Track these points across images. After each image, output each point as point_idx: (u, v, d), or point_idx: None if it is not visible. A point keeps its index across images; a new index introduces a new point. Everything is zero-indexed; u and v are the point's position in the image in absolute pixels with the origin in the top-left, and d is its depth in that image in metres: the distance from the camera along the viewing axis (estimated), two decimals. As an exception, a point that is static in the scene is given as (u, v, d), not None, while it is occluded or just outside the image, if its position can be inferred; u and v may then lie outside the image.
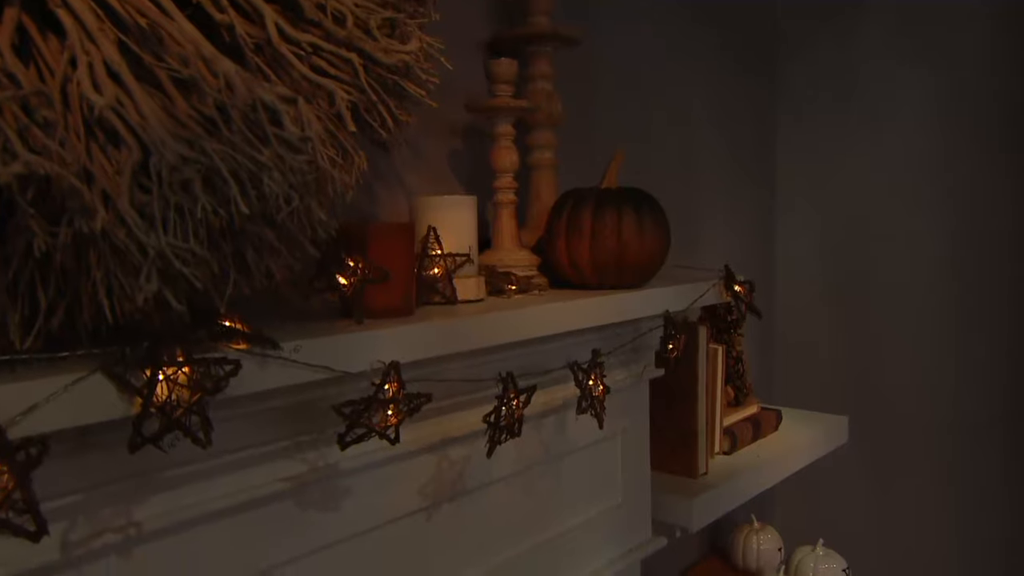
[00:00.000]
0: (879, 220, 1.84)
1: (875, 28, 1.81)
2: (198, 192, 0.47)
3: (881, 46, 1.80)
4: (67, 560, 0.54)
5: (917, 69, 1.77)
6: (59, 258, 0.45)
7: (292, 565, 0.70)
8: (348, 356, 0.61)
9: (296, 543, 0.69)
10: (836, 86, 1.87)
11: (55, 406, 0.45)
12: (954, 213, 1.76)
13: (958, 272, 1.76)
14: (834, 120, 1.87)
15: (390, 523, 0.78)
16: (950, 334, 1.78)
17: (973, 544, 1.79)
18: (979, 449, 1.77)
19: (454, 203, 0.81)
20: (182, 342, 0.50)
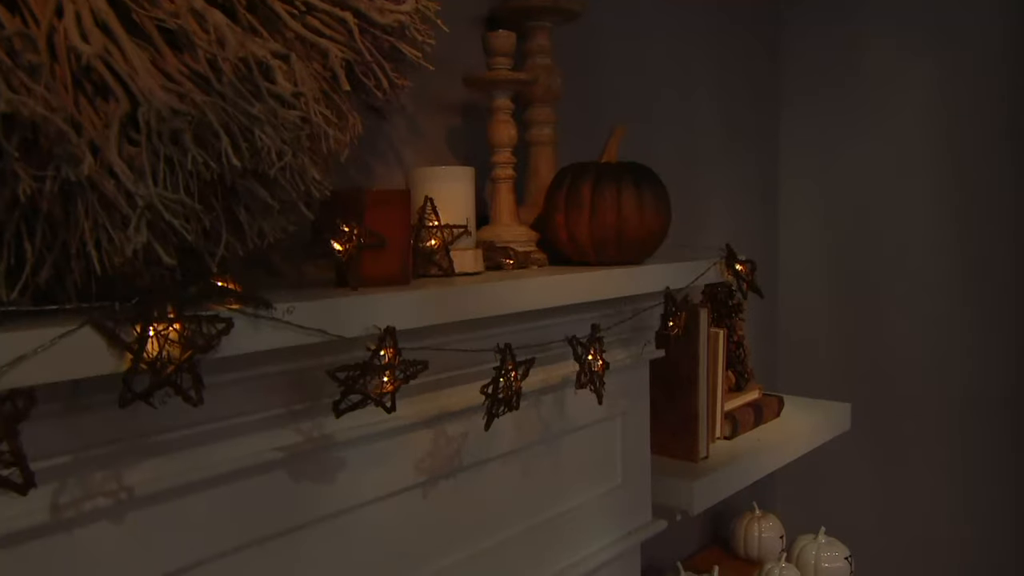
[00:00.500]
0: (883, 204, 1.83)
1: (879, 11, 1.79)
2: (188, 144, 0.47)
3: (885, 29, 1.79)
4: (57, 522, 0.53)
5: (921, 52, 1.75)
6: (46, 207, 0.44)
7: (285, 537, 0.69)
8: (343, 320, 0.61)
9: (289, 515, 0.68)
10: (839, 69, 1.85)
11: (43, 359, 0.44)
12: (959, 196, 1.75)
13: (963, 256, 1.75)
14: (837, 103, 1.86)
15: (386, 498, 0.77)
16: (954, 319, 1.77)
17: (977, 532, 1.78)
18: (983, 436, 1.75)
19: (451, 174, 0.80)
20: (173, 299, 0.49)
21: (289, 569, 0.69)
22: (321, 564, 0.72)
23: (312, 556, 0.71)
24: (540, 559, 0.96)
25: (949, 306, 1.78)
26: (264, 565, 0.67)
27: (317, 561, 0.71)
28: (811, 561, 1.55)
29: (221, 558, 0.64)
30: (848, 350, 1.90)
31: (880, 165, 1.83)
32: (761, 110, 1.85)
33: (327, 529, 0.72)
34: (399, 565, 0.79)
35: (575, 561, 1.01)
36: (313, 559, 0.71)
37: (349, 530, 0.74)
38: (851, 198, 1.87)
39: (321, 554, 0.72)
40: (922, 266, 1.80)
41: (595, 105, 1.31)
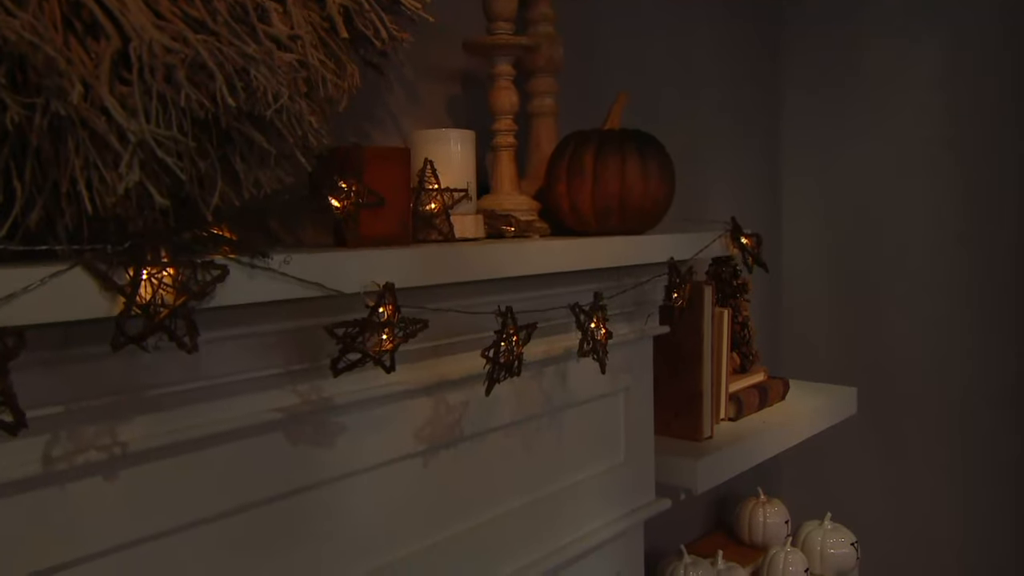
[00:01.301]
0: (884, 202, 1.82)
1: (880, 10, 1.78)
2: (182, 80, 0.46)
3: (886, 28, 1.78)
4: (49, 475, 0.52)
5: (922, 51, 1.74)
6: (35, 141, 0.43)
7: (283, 501, 0.68)
8: (341, 275, 0.59)
9: (287, 478, 0.67)
10: (840, 68, 1.84)
11: (33, 298, 0.43)
12: (960, 195, 1.73)
13: (964, 255, 1.74)
14: (838, 102, 1.85)
15: (385, 465, 0.76)
16: (955, 317, 1.76)
17: (984, 518, 1.76)
18: (990, 422, 1.74)
19: (452, 137, 0.79)
20: (167, 243, 0.48)
21: (285, 534, 0.68)
22: (318, 531, 0.70)
23: (309, 522, 0.70)
24: (542, 534, 0.95)
25: (950, 304, 1.76)
26: (259, 529, 0.66)
27: (313, 527, 0.70)
28: (817, 547, 1.54)
29: (217, 520, 0.63)
30: (849, 348, 1.89)
31: (881, 163, 1.81)
32: (762, 108, 1.84)
33: (325, 495, 0.71)
34: (398, 535, 0.77)
35: (577, 537, 1.00)
36: (310, 525, 0.70)
37: (347, 497, 0.73)
38: (852, 196, 1.86)
39: (318, 520, 0.70)
40: (923, 265, 1.79)
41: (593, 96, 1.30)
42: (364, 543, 0.74)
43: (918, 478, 1.83)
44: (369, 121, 0.91)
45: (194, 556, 0.61)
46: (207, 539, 0.62)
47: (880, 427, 1.85)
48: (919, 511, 1.83)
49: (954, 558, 1.80)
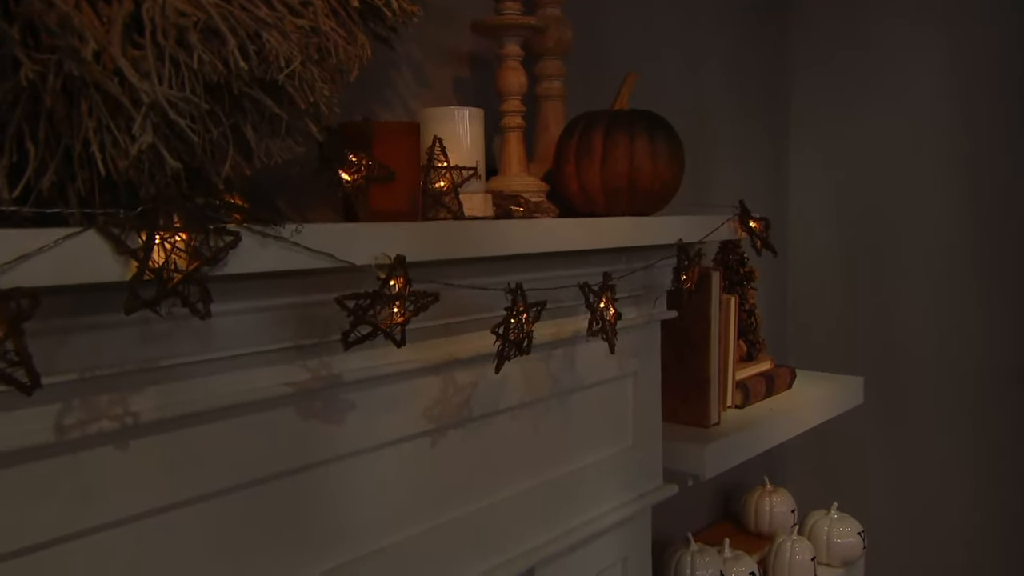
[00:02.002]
0: (894, 174, 1.81)
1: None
2: (194, 42, 0.45)
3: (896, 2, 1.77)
4: (61, 443, 0.52)
5: (932, 22, 1.73)
6: (49, 102, 0.43)
7: (292, 477, 0.67)
8: (352, 247, 0.59)
9: (297, 454, 0.67)
10: (850, 41, 1.83)
11: (46, 260, 0.43)
12: (971, 168, 1.72)
13: (975, 230, 1.73)
14: (848, 75, 1.84)
15: (394, 444, 0.76)
16: (969, 293, 1.75)
17: (990, 507, 1.75)
18: (998, 411, 1.73)
19: (461, 114, 0.78)
20: (179, 208, 0.48)
21: (293, 511, 0.68)
22: (326, 508, 0.70)
23: (317, 499, 0.69)
24: (549, 517, 0.94)
25: (959, 291, 1.75)
26: (267, 505, 0.66)
27: (322, 504, 0.70)
28: (823, 536, 1.54)
29: (225, 494, 0.63)
30: (858, 326, 1.88)
31: (892, 137, 1.81)
32: (771, 81, 1.83)
33: (334, 472, 0.71)
34: (405, 515, 0.77)
35: (585, 521, 0.99)
36: (318, 502, 0.70)
37: (356, 475, 0.73)
38: (860, 183, 1.85)
39: (326, 498, 0.70)
40: (931, 252, 1.78)
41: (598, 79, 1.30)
42: (372, 522, 0.74)
43: (924, 468, 1.83)
44: (378, 102, 0.90)
45: (203, 529, 0.61)
46: (215, 513, 0.62)
47: (886, 417, 1.85)
48: (925, 501, 1.83)
49: (960, 548, 1.79)
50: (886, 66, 1.80)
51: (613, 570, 1.07)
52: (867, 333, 1.88)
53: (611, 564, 1.07)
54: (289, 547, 0.68)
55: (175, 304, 0.48)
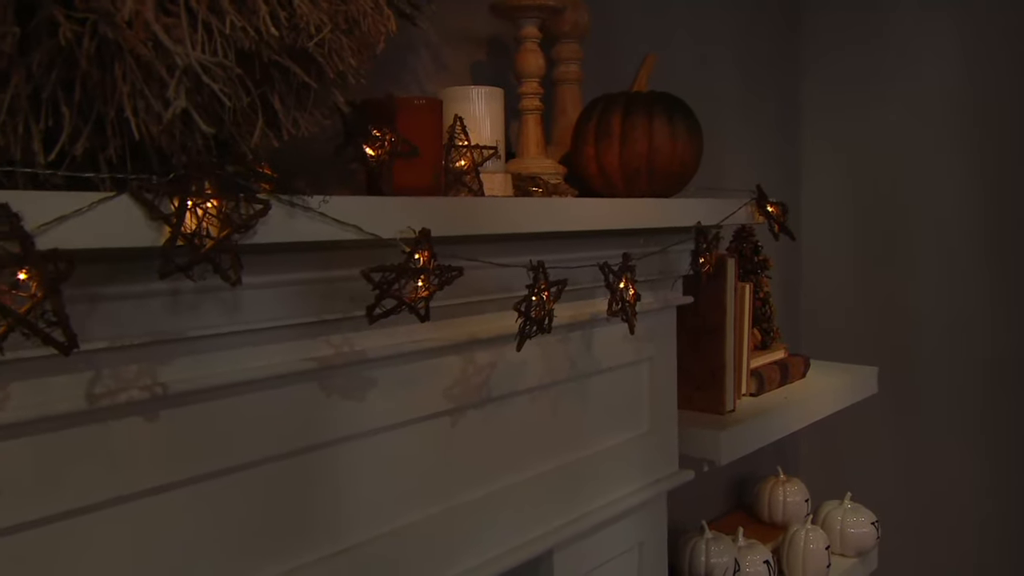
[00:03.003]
0: (906, 161, 1.80)
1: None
2: (226, 8, 0.46)
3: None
4: (92, 412, 0.52)
5: (944, 11, 1.72)
6: (84, 65, 0.43)
7: (314, 453, 0.68)
8: (378, 219, 0.59)
9: (320, 429, 0.67)
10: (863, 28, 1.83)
11: (81, 223, 0.44)
12: (985, 155, 1.71)
13: (989, 217, 1.72)
14: (861, 60, 1.83)
15: (415, 422, 0.76)
16: (983, 283, 1.74)
17: (1005, 498, 1.74)
18: (1012, 401, 1.72)
19: (480, 94, 0.79)
20: (211, 175, 0.48)
21: (314, 487, 0.68)
22: (345, 486, 0.70)
23: (337, 476, 0.70)
24: (567, 500, 0.94)
25: (975, 269, 1.75)
26: (289, 480, 0.66)
27: (341, 482, 0.70)
28: (837, 526, 1.53)
29: (251, 467, 0.63)
30: (870, 315, 1.88)
31: (904, 125, 1.80)
32: (782, 67, 1.83)
33: (354, 449, 0.71)
34: (425, 495, 0.77)
35: (602, 505, 0.99)
36: (338, 480, 0.70)
37: (376, 453, 0.73)
38: (874, 170, 1.84)
39: (348, 474, 0.70)
40: (946, 241, 1.77)
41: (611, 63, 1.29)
42: (391, 501, 0.74)
43: (936, 457, 1.82)
44: (395, 85, 0.91)
45: (227, 503, 0.61)
46: (239, 486, 0.62)
47: (898, 406, 1.84)
48: (938, 491, 1.82)
49: (974, 537, 1.79)
50: (898, 52, 1.79)
51: (629, 555, 1.07)
52: (879, 322, 1.87)
53: (627, 549, 1.06)
54: (309, 523, 0.68)
55: (207, 270, 0.48)
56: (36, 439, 0.50)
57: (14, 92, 0.41)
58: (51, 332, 0.41)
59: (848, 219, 1.89)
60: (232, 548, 0.62)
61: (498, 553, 0.85)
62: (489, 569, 0.83)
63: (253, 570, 0.64)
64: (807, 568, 1.41)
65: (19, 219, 0.40)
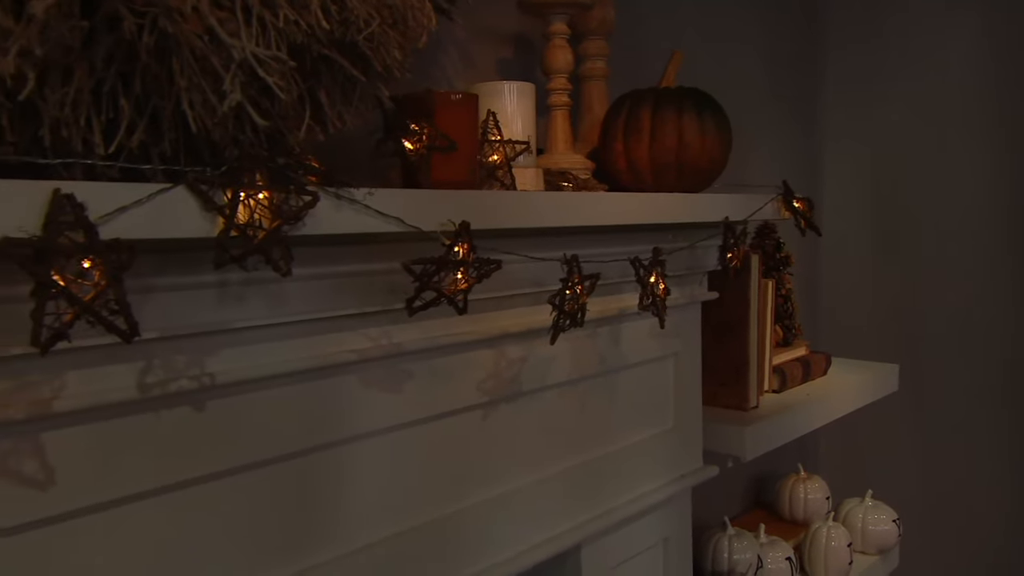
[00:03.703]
0: (928, 156, 1.79)
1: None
2: (280, 2, 0.46)
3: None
4: (144, 400, 0.53)
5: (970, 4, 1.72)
6: (144, 59, 0.44)
7: (352, 444, 0.68)
8: (418, 212, 0.60)
9: (358, 420, 0.68)
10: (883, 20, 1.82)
11: (140, 214, 0.44)
12: (1010, 152, 1.70)
13: (1011, 215, 1.71)
14: (881, 54, 1.83)
15: (449, 415, 0.77)
16: (1004, 280, 1.73)
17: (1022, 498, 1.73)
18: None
19: (511, 89, 0.79)
20: (262, 168, 0.49)
21: (352, 477, 0.69)
22: (383, 476, 0.71)
23: (375, 467, 0.70)
24: (594, 495, 0.95)
25: (996, 266, 1.74)
26: (330, 471, 0.67)
27: (380, 473, 0.71)
28: (858, 524, 1.53)
29: (292, 458, 0.64)
30: (890, 311, 1.87)
31: (925, 121, 1.79)
32: (802, 62, 1.82)
33: (392, 440, 0.72)
34: (458, 488, 0.78)
35: (628, 500, 1.00)
36: (376, 470, 0.70)
37: (413, 444, 0.73)
38: (894, 154, 1.84)
39: (384, 466, 0.71)
40: (968, 224, 1.76)
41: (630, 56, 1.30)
42: (425, 492, 0.75)
43: (956, 456, 1.81)
44: (425, 80, 0.91)
45: (266, 492, 0.62)
46: (279, 477, 0.63)
47: (918, 404, 1.83)
48: (958, 490, 1.81)
49: (995, 536, 1.78)
50: (919, 49, 1.78)
51: (655, 550, 1.07)
52: (899, 319, 1.86)
53: (653, 544, 1.07)
54: (345, 513, 0.68)
55: (259, 261, 0.49)
56: (90, 427, 0.51)
57: (78, 86, 0.42)
58: (114, 320, 0.42)
59: (868, 216, 1.89)
60: (271, 537, 0.63)
61: (528, 547, 0.85)
62: (520, 563, 0.83)
63: (290, 559, 0.64)
64: (829, 565, 1.41)
65: (84, 209, 0.41)
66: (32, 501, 0.49)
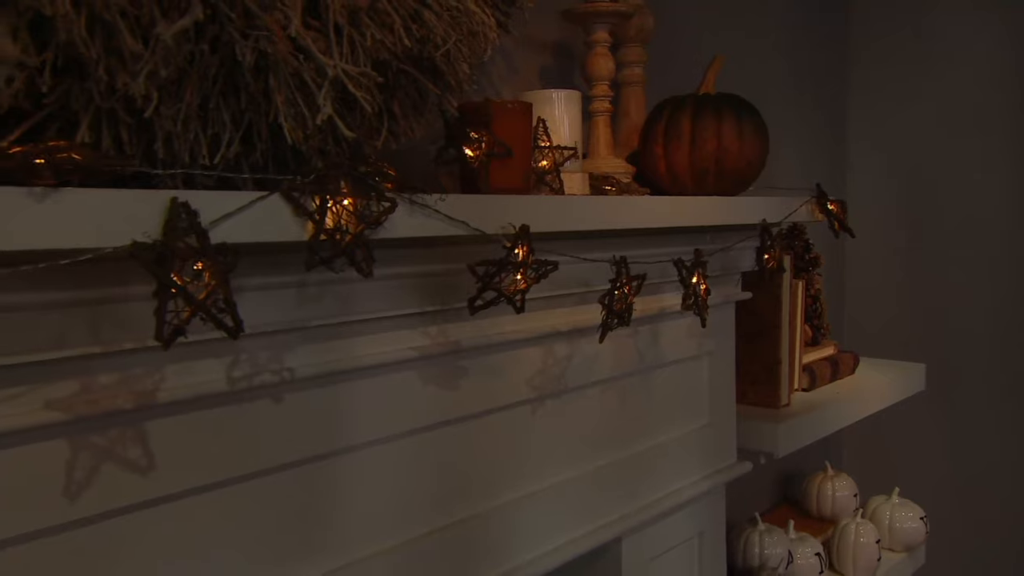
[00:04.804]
0: (953, 156, 1.80)
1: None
2: (367, 21, 0.50)
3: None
4: (232, 393, 0.57)
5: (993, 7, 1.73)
6: (248, 78, 0.47)
7: (411, 438, 0.72)
8: (482, 216, 0.63)
9: (416, 415, 0.71)
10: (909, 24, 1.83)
11: (242, 220, 0.48)
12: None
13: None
14: (907, 55, 1.84)
15: (500, 410, 0.80)
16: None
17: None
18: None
19: (559, 97, 0.82)
20: (347, 176, 0.52)
21: (412, 468, 0.72)
22: (441, 467, 0.74)
23: (435, 458, 0.74)
24: (634, 489, 0.98)
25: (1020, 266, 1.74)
26: (390, 461, 0.70)
27: (439, 464, 0.74)
28: (885, 521, 1.54)
29: (363, 448, 0.67)
30: (915, 311, 1.88)
31: (951, 123, 1.80)
32: (829, 65, 1.84)
33: (448, 434, 0.75)
34: (509, 479, 0.81)
35: (667, 493, 1.03)
36: (439, 460, 0.74)
37: (468, 437, 0.77)
38: (920, 155, 1.85)
39: (442, 456, 0.74)
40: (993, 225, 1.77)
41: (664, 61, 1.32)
42: (480, 482, 0.78)
43: (981, 454, 1.82)
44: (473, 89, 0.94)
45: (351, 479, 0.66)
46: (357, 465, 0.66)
47: (943, 403, 1.84)
48: (985, 489, 1.82)
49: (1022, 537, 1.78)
50: (945, 52, 1.79)
51: (690, 544, 1.10)
52: (924, 319, 1.87)
53: (688, 538, 1.09)
54: (405, 501, 0.72)
55: (344, 263, 0.52)
56: (186, 417, 0.55)
57: (188, 102, 0.46)
58: (222, 318, 0.46)
59: (893, 218, 1.90)
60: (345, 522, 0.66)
61: (572, 538, 0.88)
62: (564, 553, 0.87)
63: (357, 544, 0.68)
64: (857, 561, 1.43)
65: (197, 216, 0.45)
66: (136, 485, 0.52)
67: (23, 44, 0.38)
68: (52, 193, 0.40)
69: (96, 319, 0.49)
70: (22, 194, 0.39)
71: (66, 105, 0.43)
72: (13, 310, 0.45)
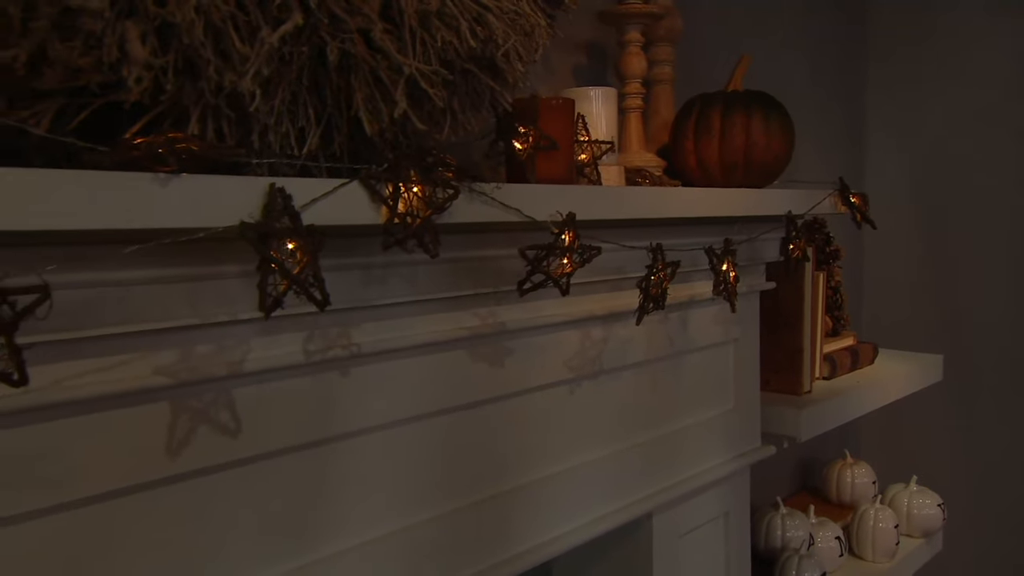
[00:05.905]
0: (971, 153, 1.83)
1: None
2: (437, 24, 0.55)
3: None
4: (306, 364, 0.62)
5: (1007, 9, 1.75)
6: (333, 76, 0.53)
7: (460, 413, 0.77)
8: (533, 204, 0.68)
9: (468, 390, 0.77)
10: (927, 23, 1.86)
11: (327, 203, 0.53)
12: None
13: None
14: (926, 53, 1.87)
15: (541, 389, 0.85)
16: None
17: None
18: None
19: (596, 94, 0.87)
20: (416, 165, 0.57)
21: (462, 441, 0.77)
22: (488, 441, 0.79)
23: (482, 432, 0.79)
24: (664, 468, 1.02)
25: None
26: (444, 434, 0.75)
27: (485, 438, 0.79)
28: (903, 508, 1.58)
29: (416, 420, 0.72)
30: (932, 304, 1.91)
31: (968, 119, 1.83)
32: (848, 63, 1.87)
33: (496, 410, 0.80)
34: (549, 455, 0.86)
35: (695, 473, 1.07)
36: (482, 435, 0.79)
37: (512, 414, 0.82)
38: (938, 150, 1.88)
39: (492, 431, 0.80)
40: (1011, 220, 1.79)
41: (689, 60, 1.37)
42: (522, 457, 0.83)
43: (997, 444, 1.84)
44: (510, 86, 0.99)
45: (391, 451, 0.71)
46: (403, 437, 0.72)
47: (959, 394, 1.87)
48: (1002, 478, 1.85)
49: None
50: (963, 48, 1.82)
51: (716, 523, 1.15)
52: (941, 311, 1.90)
53: (714, 517, 1.14)
54: (454, 473, 0.77)
55: (414, 244, 0.58)
56: (267, 386, 0.60)
57: (282, 97, 0.51)
58: (313, 292, 0.51)
59: (911, 212, 1.93)
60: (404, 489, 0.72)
61: (607, 512, 0.93)
62: (599, 526, 0.91)
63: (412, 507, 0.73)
64: (877, 545, 1.47)
65: (291, 200, 0.50)
66: (226, 446, 0.58)
67: (151, 48, 0.44)
68: (173, 179, 0.45)
69: (194, 294, 0.55)
70: (149, 179, 0.45)
71: (178, 101, 0.48)
72: (130, 284, 0.50)
